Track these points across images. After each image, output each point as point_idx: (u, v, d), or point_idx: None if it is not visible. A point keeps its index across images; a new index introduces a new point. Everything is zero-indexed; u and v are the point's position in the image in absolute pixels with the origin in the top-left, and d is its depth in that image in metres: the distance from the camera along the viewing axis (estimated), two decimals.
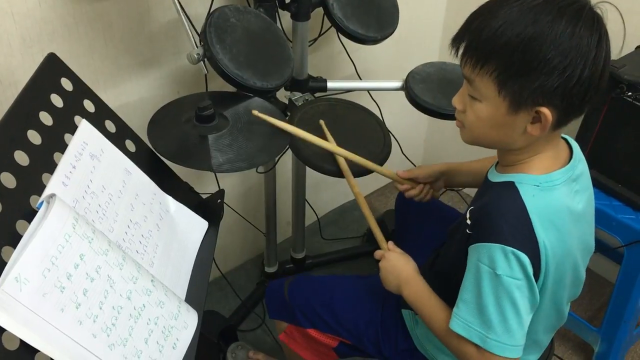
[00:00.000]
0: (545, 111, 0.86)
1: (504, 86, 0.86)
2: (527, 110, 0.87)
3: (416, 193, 1.29)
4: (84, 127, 0.92)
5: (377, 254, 1.16)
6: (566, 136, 1.01)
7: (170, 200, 1.04)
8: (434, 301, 1.03)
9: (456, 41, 0.91)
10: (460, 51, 0.91)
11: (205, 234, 1.09)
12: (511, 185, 0.93)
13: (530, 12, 0.83)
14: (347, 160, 1.24)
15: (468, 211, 0.97)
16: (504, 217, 0.90)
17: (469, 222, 0.96)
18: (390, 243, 1.18)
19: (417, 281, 1.08)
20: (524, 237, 0.89)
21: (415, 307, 1.07)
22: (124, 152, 0.99)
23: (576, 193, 0.96)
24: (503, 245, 0.88)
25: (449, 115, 1.44)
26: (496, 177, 0.98)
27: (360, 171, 1.26)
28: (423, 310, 1.05)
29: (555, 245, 0.91)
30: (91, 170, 0.88)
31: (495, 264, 0.88)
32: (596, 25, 0.84)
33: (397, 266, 1.11)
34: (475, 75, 0.89)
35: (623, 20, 0.89)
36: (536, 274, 0.90)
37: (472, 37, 0.89)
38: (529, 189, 0.91)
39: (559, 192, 0.93)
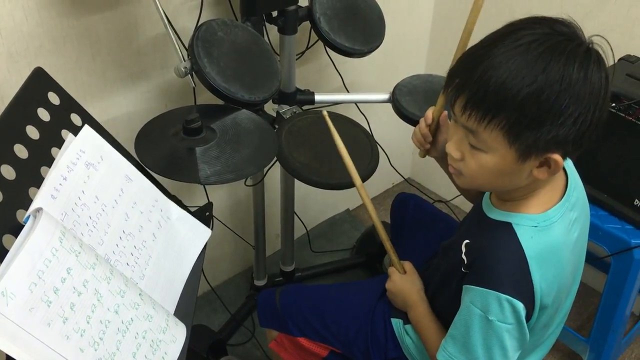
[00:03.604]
0: (557, 157, 0.83)
1: (516, 139, 0.82)
2: (537, 157, 0.84)
3: (423, 138, 1.17)
4: (86, 132, 0.91)
5: (389, 271, 1.20)
6: None
7: (172, 206, 1.03)
8: (433, 328, 1.07)
9: (453, 89, 0.86)
10: (460, 103, 0.85)
11: None
12: (509, 227, 0.91)
13: (538, 59, 0.79)
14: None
15: (464, 244, 0.97)
16: (501, 263, 0.89)
17: (464, 258, 0.95)
18: (403, 262, 1.19)
19: (421, 307, 1.11)
20: (519, 284, 0.88)
21: (416, 328, 1.11)
22: None
23: (574, 222, 0.96)
24: (498, 293, 0.87)
25: None
26: (493, 213, 0.96)
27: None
28: (422, 333, 1.09)
29: (552, 282, 0.91)
30: (84, 181, 0.88)
31: (489, 310, 0.89)
32: (602, 64, 0.82)
33: (403, 290, 1.15)
34: (482, 129, 0.83)
35: (612, 49, 0.88)
36: (529, 315, 0.91)
37: (476, 89, 0.82)
38: (527, 230, 0.90)
39: (557, 229, 0.92)
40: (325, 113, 1.19)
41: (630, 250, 1.43)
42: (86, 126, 0.92)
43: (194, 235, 1.04)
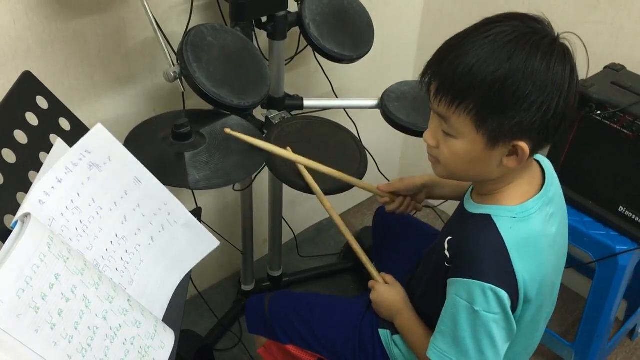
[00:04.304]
0: (523, 145, 0.87)
1: (483, 124, 0.86)
2: (505, 144, 0.88)
3: (396, 206, 1.28)
4: (96, 132, 0.89)
5: (370, 284, 1.20)
6: (538, 156, 1.02)
7: (183, 212, 1.01)
8: (420, 330, 1.08)
9: (427, 79, 0.90)
10: (433, 89, 0.90)
11: None
12: (488, 219, 0.93)
13: (504, 49, 0.83)
14: (328, 175, 1.24)
15: (446, 241, 0.98)
16: (482, 253, 0.91)
17: (447, 253, 0.97)
18: (383, 275, 1.20)
19: (407, 313, 1.12)
20: (502, 273, 0.90)
21: (403, 335, 1.11)
22: None
23: (551, 216, 0.97)
24: (482, 282, 0.89)
25: (423, 133, 1.46)
26: (473, 208, 0.99)
27: (340, 187, 1.26)
28: (409, 338, 1.10)
29: (535, 274, 0.92)
30: (83, 182, 0.86)
31: (474, 300, 0.90)
32: (567, 57, 0.86)
33: (388, 299, 1.15)
34: (451, 113, 0.88)
35: (584, 44, 0.91)
36: (514, 306, 0.92)
37: (445, 75, 0.87)
38: (506, 221, 0.92)
39: (535, 220, 0.94)
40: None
41: (615, 256, 1.44)
42: (99, 124, 0.89)
43: (197, 244, 1.02)
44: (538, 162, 1.01)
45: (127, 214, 0.93)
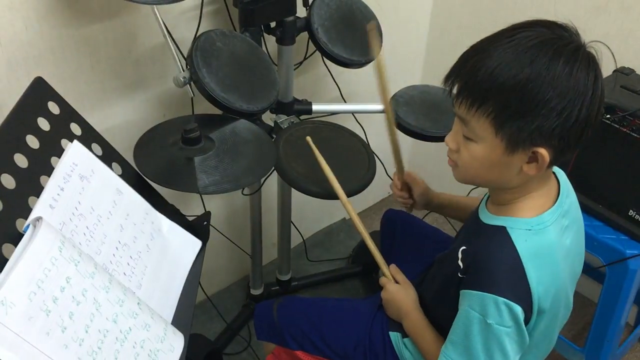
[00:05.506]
0: (543, 152, 0.86)
1: (502, 127, 0.85)
2: (524, 150, 0.87)
3: (400, 195, 1.35)
4: (75, 148, 0.91)
5: (382, 281, 1.20)
6: (554, 168, 1.01)
7: (163, 219, 1.03)
8: (429, 335, 1.08)
9: (449, 81, 0.90)
10: (455, 92, 0.90)
11: None
12: (503, 231, 0.93)
13: (527, 53, 0.83)
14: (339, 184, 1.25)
15: (460, 251, 0.97)
16: (497, 266, 0.90)
17: (461, 264, 0.96)
18: (393, 267, 1.21)
19: (416, 315, 1.12)
20: (516, 287, 0.89)
21: (413, 338, 1.11)
22: None
23: (566, 229, 0.97)
24: (495, 296, 0.88)
25: (432, 137, 1.46)
26: (488, 219, 0.98)
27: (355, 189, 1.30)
28: (419, 342, 1.10)
29: (549, 285, 0.92)
30: (80, 192, 0.88)
31: (487, 313, 0.89)
32: (592, 65, 0.85)
33: (397, 299, 1.15)
34: (471, 116, 0.88)
35: (612, 53, 0.91)
36: (528, 318, 0.91)
37: (467, 77, 0.87)
38: (521, 234, 0.92)
39: (550, 233, 0.93)
40: (309, 138, 1.25)
41: (625, 260, 1.43)
42: (75, 142, 0.92)
43: (185, 247, 1.05)
44: (554, 173, 1.00)
45: (122, 222, 0.94)
